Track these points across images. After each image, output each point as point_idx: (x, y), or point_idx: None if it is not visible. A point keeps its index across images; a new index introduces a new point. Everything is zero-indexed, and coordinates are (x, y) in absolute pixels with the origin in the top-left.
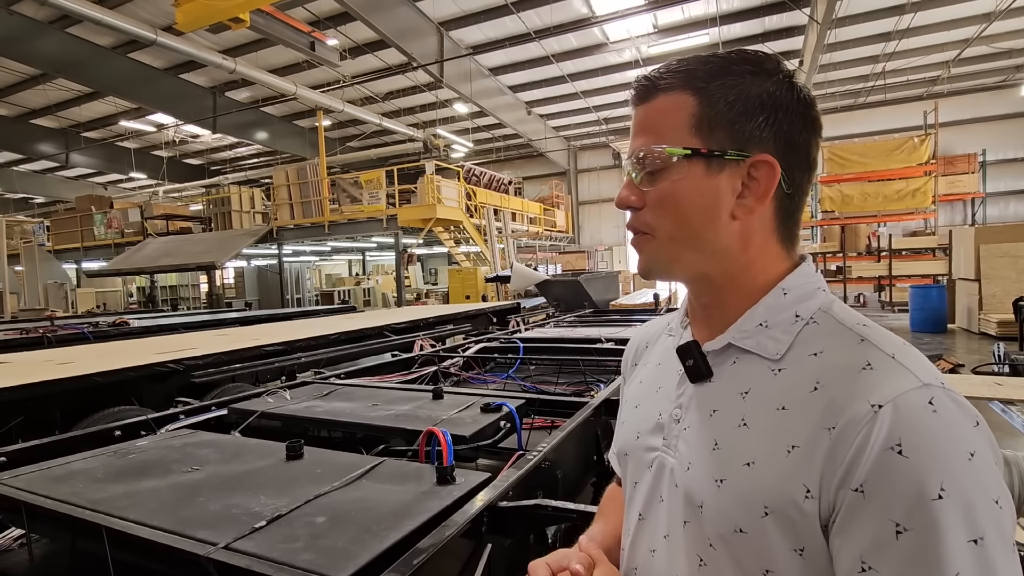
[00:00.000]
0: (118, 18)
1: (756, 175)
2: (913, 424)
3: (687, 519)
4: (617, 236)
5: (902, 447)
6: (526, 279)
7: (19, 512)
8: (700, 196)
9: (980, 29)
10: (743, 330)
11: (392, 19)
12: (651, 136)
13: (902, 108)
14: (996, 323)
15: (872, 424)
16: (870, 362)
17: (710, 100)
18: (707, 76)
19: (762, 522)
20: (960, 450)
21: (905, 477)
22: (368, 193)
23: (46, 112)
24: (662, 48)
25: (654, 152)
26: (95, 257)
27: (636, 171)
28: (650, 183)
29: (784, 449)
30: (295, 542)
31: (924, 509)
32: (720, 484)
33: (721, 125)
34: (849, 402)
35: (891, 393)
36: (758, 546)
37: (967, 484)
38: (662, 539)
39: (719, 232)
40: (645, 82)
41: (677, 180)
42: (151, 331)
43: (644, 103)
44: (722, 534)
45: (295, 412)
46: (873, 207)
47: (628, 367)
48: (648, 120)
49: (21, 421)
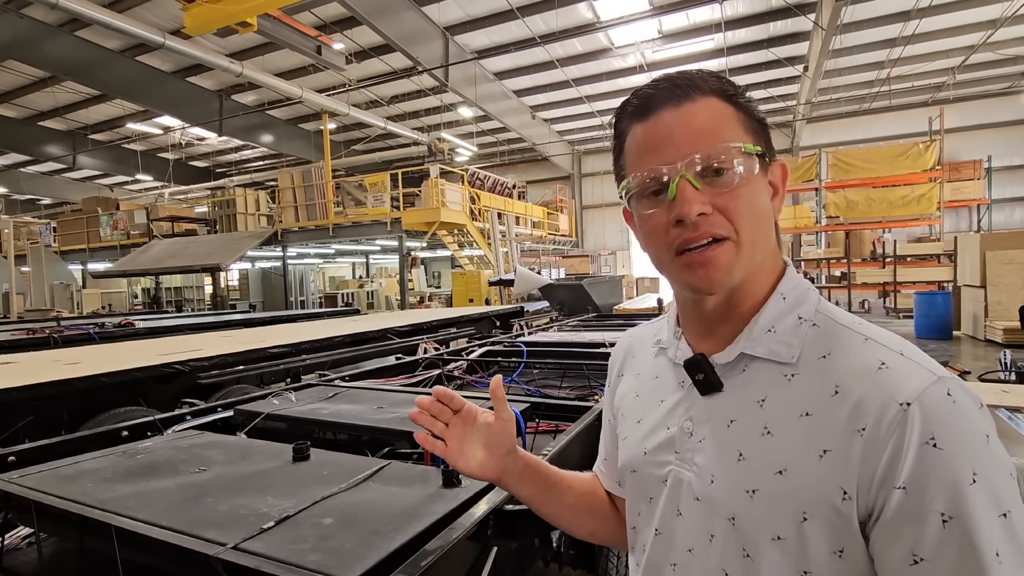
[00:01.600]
0: (127, 22)
1: (774, 180)
2: (941, 417)
3: (714, 532)
4: (620, 240)
5: (936, 440)
6: (529, 283)
7: (28, 511)
8: (765, 195)
9: (985, 36)
10: (752, 338)
11: (398, 24)
12: (712, 137)
13: (907, 114)
14: (1002, 330)
15: (904, 423)
16: (884, 362)
17: (744, 108)
18: (731, 87)
19: (801, 527)
20: (979, 435)
21: (943, 469)
22: (372, 196)
23: (54, 114)
24: (667, 53)
25: (734, 150)
26: (101, 258)
27: (699, 173)
28: (721, 186)
29: (816, 454)
30: (303, 543)
31: (963, 495)
32: (753, 494)
33: (757, 131)
34: (876, 403)
35: (915, 390)
36: (797, 551)
37: (990, 465)
38: (685, 553)
39: (772, 232)
40: (682, 80)
41: (751, 180)
42: (156, 332)
43: (683, 104)
44: (759, 543)
45: (301, 414)
46: (878, 213)
47: (613, 376)
48: (699, 120)
49: (29, 421)
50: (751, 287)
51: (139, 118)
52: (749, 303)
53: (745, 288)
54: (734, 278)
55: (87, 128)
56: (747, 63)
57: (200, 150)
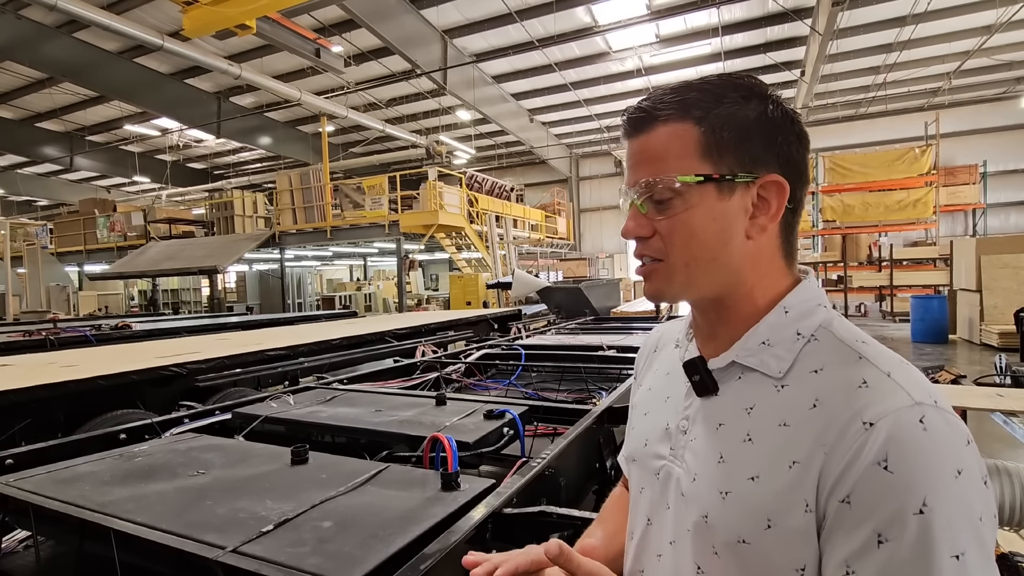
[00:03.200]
0: (125, 24)
1: (765, 195)
2: (902, 441)
3: (691, 528)
4: (618, 244)
5: (888, 463)
6: (527, 286)
7: (26, 514)
8: (713, 221)
9: (981, 41)
10: (746, 348)
11: (397, 27)
12: (656, 166)
13: (903, 119)
14: (997, 334)
15: (864, 440)
16: (865, 380)
17: (712, 128)
18: (705, 105)
19: (765, 534)
20: (947, 467)
21: (889, 491)
22: (370, 199)
23: (51, 116)
24: (664, 57)
25: (664, 182)
26: (97, 260)
27: (642, 201)
28: (661, 212)
29: (786, 464)
30: (302, 546)
31: (904, 522)
32: (725, 496)
33: (728, 150)
34: (843, 419)
35: (883, 411)
36: (760, 557)
37: (951, 500)
38: (668, 545)
39: (732, 254)
40: (640, 113)
41: (690, 207)
42: (153, 335)
43: (641, 134)
44: (726, 543)
45: (299, 417)
46: (874, 217)
47: (640, 369)
48: (650, 151)
49: (26, 424)
50: (732, 300)
51: (137, 120)
52: (744, 313)
53: (723, 301)
54: (669, 295)
55: (84, 129)
56: (744, 68)
57: (198, 152)
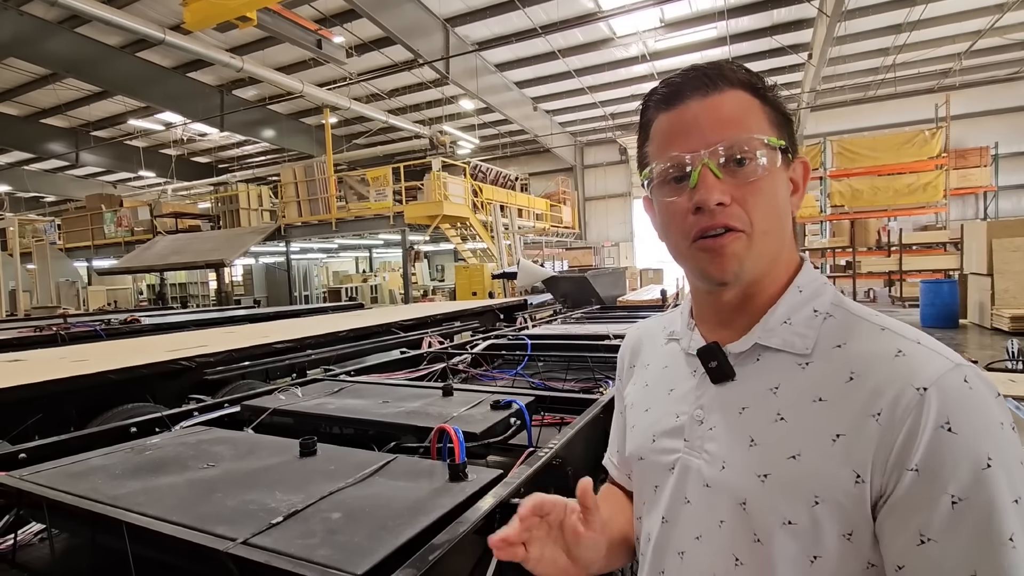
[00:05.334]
0: (127, 18)
1: (795, 177)
2: (957, 402)
3: (724, 518)
4: (624, 232)
5: (951, 424)
6: (533, 276)
7: (40, 508)
8: (785, 191)
9: (992, 20)
10: (768, 329)
11: (398, 16)
12: (737, 127)
13: (913, 101)
14: (1009, 318)
15: (920, 406)
16: (901, 349)
17: (771, 103)
18: (760, 83)
19: (813, 511)
20: (995, 421)
21: (958, 452)
22: (375, 190)
23: (56, 111)
24: (669, 43)
25: (757, 142)
26: (105, 255)
27: (722, 163)
28: (741, 177)
29: (829, 438)
30: (312, 538)
31: (977, 479)
32: (764, 479)
33: (785, 126)
34: (893, 388)
35: (932, 376)
36: (808, 536)
37: (1006, 451)
38: (693, 540)
39: (789, 228)
40: (712, 71)
41: (772, 174)
42: (162, 329)
43: (711, 94)
44: (770, 528)
45: (307, 409)
46: (883, 201)
47: (624, 368)
48: (725, 111)
49: (39, 418)
50: (767, 280)
51: (141, 114)
52: (765, 295)
53: (761, 281)
54: (745, 269)
55: (89, 125)
56: (750, 51)
57: (202, 146)
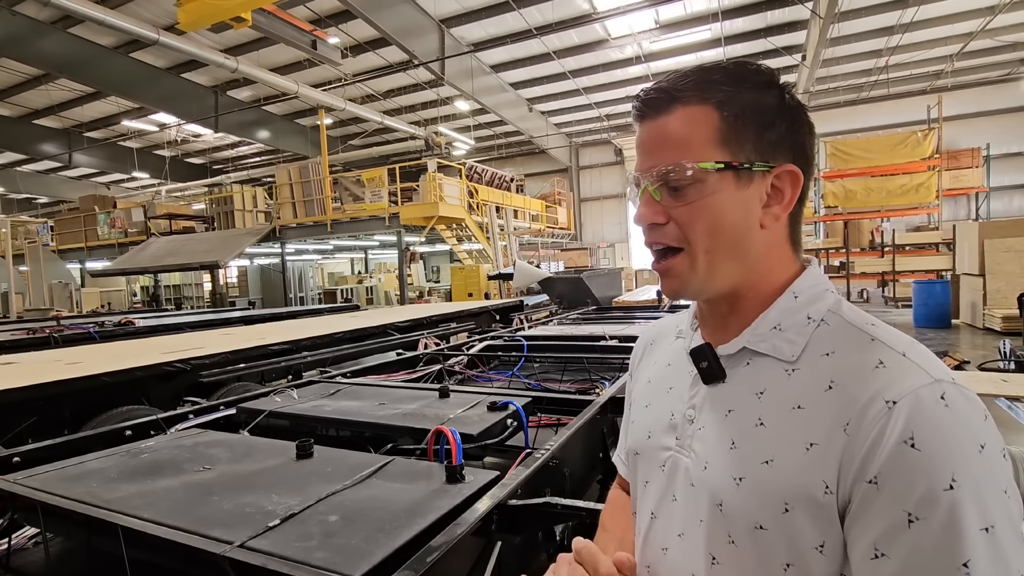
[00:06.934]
0: (120, 18)
1: (780, 185)
2: (925, 418)
3: (703, 518)
4: (619, 233)
5: (914, 440)
6: (529, 276)
7: (35, 511)
8: (734, 209)
9: (984, 23)
10: (757, 333)
11: (393, 17)
12: (674, 151)
13: (905, 102)
14: (1000, 318)
15: (887, 419)
16: (882, 360)
17: (734, 113)
18: (727, 89)
19: (783, 518)
20: (970, 442)
21: (917, 469)
22: (370, 191)
23: (48, 112)
24: (664, 44)
25: (684, 168)
26: (99, 257)
27: (657, 188)
28: (678, 199)
29: (803, 447)
30: (309, 541)
31: (935, 499)
32: (739, 482)
33: (747, 137)
34: (864, 399)
35: (904, 390)
36: (779, 542)
37: (978, 475)
38: (676, 537)
39: (751, 243)
40: (659, 93)
41: (711, 195)
42: (156, 331)
43: (658, 116)
44: (743, 531)
45: (303, 411)
46: (876, 202)
47: (636, 365)
48: (666, 134)
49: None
50: (745, 289)
51: (134, 115)
52: (756, 300)
53: (737, 292)
54: (692, 288)
55: (82, 126)
56: (745, 53)
57: (196, 147)
